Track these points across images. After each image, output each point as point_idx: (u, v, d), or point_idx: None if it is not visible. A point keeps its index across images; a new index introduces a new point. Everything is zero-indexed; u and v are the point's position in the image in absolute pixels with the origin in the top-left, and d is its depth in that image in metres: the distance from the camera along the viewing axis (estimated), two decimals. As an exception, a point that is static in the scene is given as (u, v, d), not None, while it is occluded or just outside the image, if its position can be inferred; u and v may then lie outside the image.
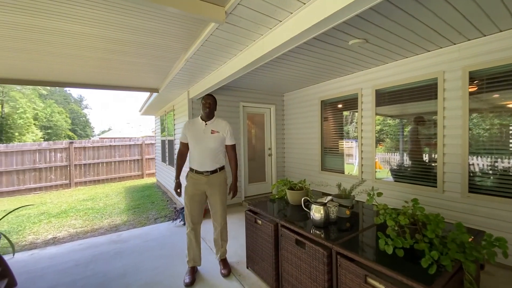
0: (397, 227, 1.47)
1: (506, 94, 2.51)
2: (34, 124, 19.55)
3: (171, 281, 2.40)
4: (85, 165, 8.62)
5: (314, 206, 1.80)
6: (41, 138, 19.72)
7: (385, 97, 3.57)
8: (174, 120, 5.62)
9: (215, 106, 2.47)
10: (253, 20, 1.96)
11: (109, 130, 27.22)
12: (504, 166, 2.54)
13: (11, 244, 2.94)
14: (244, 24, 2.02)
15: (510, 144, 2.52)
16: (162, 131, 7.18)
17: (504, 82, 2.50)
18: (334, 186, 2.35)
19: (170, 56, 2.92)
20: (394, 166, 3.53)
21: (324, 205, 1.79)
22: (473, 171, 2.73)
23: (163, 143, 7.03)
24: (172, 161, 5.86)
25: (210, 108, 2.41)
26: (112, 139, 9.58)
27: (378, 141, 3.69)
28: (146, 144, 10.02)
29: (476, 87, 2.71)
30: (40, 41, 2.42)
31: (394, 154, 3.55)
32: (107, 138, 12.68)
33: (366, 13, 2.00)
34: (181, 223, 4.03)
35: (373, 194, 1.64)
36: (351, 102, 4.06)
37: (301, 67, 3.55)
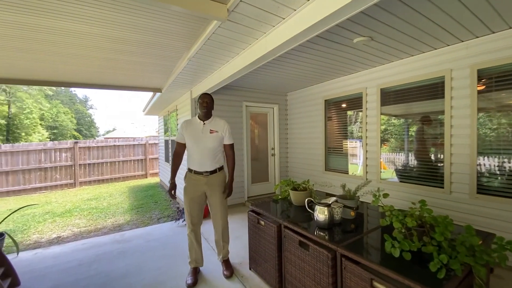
0: (404, 229, 1.42)
1: (516, 93, 2.44)
2: (40, 124, 19.79)
3: (174, 281, 2.39)
4: (89, 164, 8.69)
5: (318, 207, 1.76)
6: (47, 138, 19.95)
7: (390, 96, 3.51)
8: (177, 120, 5.62)
9: (213, 105, 2.43)
10: (255, 17, 1.93)
11: (113, 130, 27.43)
12: (514, 167, 2.47)
13: (15, 243, 2.96)
14: (246, 22, 1.99)
15: (520, 144, 2.45)
16: (166, 131, 7.20)
17: (514, 80, 2.43)
18: (338, 187, 2.31)
19: (173, 55, 2.90)
20: (400, 167, 3.47)
21: (328, 206, 1.75)
22: (481, 172, 2.66)
23: (167, 143, 7.05)
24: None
25: (208, 107, 2.37)
26: (116, 139, 9.64)
27: (383, 141, 3.63)
28: (149, 144, 10.06)
29: (484, 86, 2.64)
30: (45, 41, 2.42)
31: (399, 154, 3.49)
32: (112, 138, 12.79)
33: (371, 9, 1.96)
34: (183, 223, 4.02)
35: (378, 195, 1.60)
36: (356, 102, 4.01)
37: (304, 66, 3.51)
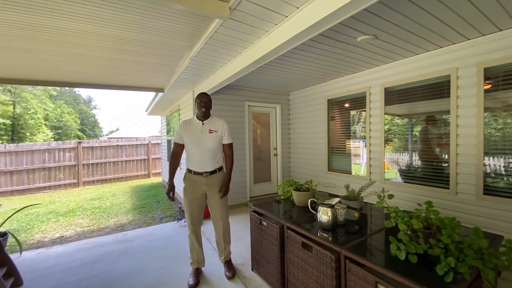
0: (409, 231, 1.39)
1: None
2: (45, 124, 19.97)
3: (175, 282, 2.37)
4: (92, 164, 8.74)
5: (321, 208, 1.74)
6: (51, 138, 20.12)
7: (394, 95, 3.46)
8: (180, 120, 5.62)
9: (211, 104, 2.40)
10: (258, 15, 1.90)
11: (117, 130, 27.60)
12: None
13: (18, 243, 2.97)
14: (248, 20, 1.97)
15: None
16: (168, 131, 7.21)
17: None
18: (341, 187, 2.27)
19: (175, 54, 2.89)
20: (404, 167, 3.42)
21: (332, 207, 1.72)
22: (488, 172, 2.61)
23: (169, 143, 7.06)
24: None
25: (206, 107, 2.34)
26: (119, 139, 9.68)
27: (386, 141, 3.59)
28: (152, 144, 10.10)
29: (490, 85, 2.58)
30: (49, 41, 2.43)
31: (403, 154, 3.44)
32: (115, 138, 12.86)
33: (375, 7, 1.92)
34: (185, 223, 4.01)
35: (383, 196, 1.57)
36: (359, 101, 3.96)
37: (307, 65, 3.47)
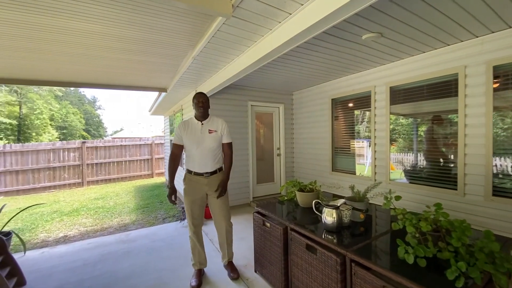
0: (418, 234, 1.35)
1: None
2: (50, 124, 20.21)
3: (178, 283, 2.36)
4: (97, 164, 8.79)
5: (326, 210, 1.70)
6: (56, 138, 20.34)
7: (400, 94, 3.40)
8: (183, 120, 5.62)
9: (209, 104, 2.38)
10: (261, 13, 1.87)
11: (121, 130, 27.79)
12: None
13: (22, 242, 2.98)
14: (251, 18, 1.94)
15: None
16: (171, 131, 7.21)
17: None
18: (346, 188, 2.23)
19: (178, 54, 2.88)
20: (410, 167, 3.36)
21: (337, 208, 1.68)
22: (497, 173, 2.54)
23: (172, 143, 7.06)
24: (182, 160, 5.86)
25: (204, 106, 2.32)
26: (122, 139, 9.74)
27: (391, 140, 3.53)
28: (156, 144, 10.13)
29: (498, 83, 2.52)
30: (54, 41, 2.43)
31: (409, 154, 3.38)
32: (118, 138, 12.94)
33: (381, 3, 1.88)
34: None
35: (390, 197, 1.52)
36: (364, 100, 3.91)
37: (311, 64, 3.43)
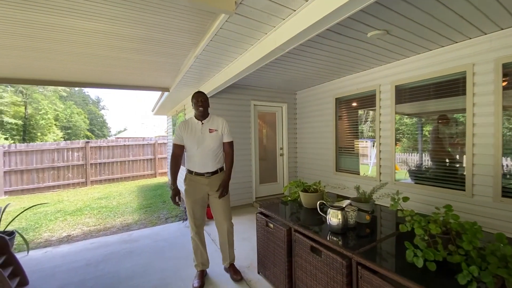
0: (427, 237, 1.30)
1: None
2: (55, 124, 20.39)
3: (180, 284, 2.33)
4: (100, 164, 8.83)
5: (331, 211, 1.66)
6: (61, 138, 20.53)
7: (405, 93, 3.34)
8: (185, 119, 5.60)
9: (208, 103, 2.35)
10: (264, 10, 1.84)
11: (124, 130, 27.95)
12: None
13: (26, 242, 2.98)
14: (255, 15, 1.91)
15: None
16: (174, 131, 7.21)
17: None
18: (350, 188, 2.19)
19: (180, 53, 2.85)
20: (416, 168, 3.30)
21: (342, 209, 1.64)
22: (507, 173, 2.47)
23: (175, 143, 7.05)
24: (183, 160, 5.85)
25: (204, 106, 2.29)
26: (126, 139, 9.77)
27: (397, 140, 3.47)
28: (158, 143, 10.15)
29: (507, 82, 2.45)
30: (56, 40, 2.42)
31: (415, 154, 3.32)
32: (122, 138, 12.99)
33: (388, -1, 1.83)
34: (191, 224, 3.98)
35: (398, 198, 1.48)
36: (368, 100, 3.85)
37: (315, 63, 3.38)
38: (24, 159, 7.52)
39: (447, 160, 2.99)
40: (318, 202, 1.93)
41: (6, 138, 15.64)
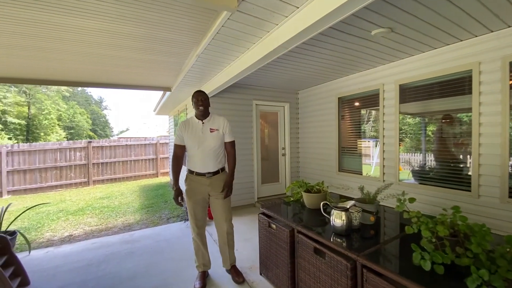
0: (434, 239, 1.26)
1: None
2: (58, 124, 20.52)
3: (182, 285, 2.31)
4: (102, 164, 8.85)
5: (335, 212, 1.62)
6: (64, 138, 20.64)
7: (410, 93, 3.29)
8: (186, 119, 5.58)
9: (209, 102, 2.32)
10: (267, 7, 1.80)
11: (127, 130, 28.06)
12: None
13: (27, 241, 2.98)
14: (257, 12, 1.88)
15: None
16: (175, 131, 7.20)
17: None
18: (353, 188, 2.15)
19: (182, 51, 2.83)
20: (420, 168, 3.25)
21: (346, 210, 1.60)
22: (514, 174, 2.43)
23: (177, 143, 7.04)
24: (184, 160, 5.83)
25: (204, 105, 2.26)
26: (128, 139, 9.79)
27: (401, 140, 3.42)
28: (160, 143, 10.16)
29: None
30: (58, 38, 2.39)
31: (419, 154, 3.27)
32: (124, 137, 13.02)
33: (393, -4, 1.80)
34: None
35: (404, 199, 1.44)
36: (372, 99, 3.81)
37: (317, 62, 3.35)
38: (26, 159, 7.55)
39: (453, 160, 2.94)
40: (322, 203, 1.90)
41: (9, 138, 15.76)
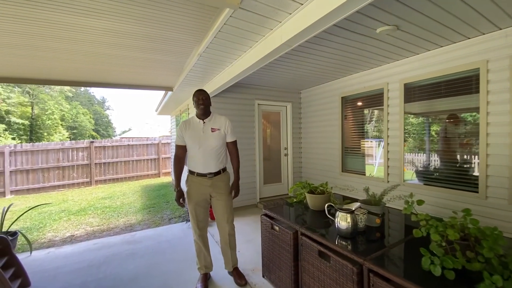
0: (444, 243, 1.22)
1: None
2: (61, 124, 20.61)
3: (183, 287, 2.28)
4: (104, 163, 8.86)
5: (340, 214, 1.58)
6: (67, 138, 20.74)
7: (415, 92, 3.23)
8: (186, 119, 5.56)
9: (210, 101, 2.28)
10: (270, 4, 1.76)
11: (129, 130, 28.12)
12: None
13: (29, 242, 2.97)
14: (260, 9, 1.84)
15: None
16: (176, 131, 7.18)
17: None
18: (357, 189, 2.11)
19: (184, 50, 2.80)
20: (425, 168, 3.19)
21: (351, 212, 1.56)
22: (524, 175, 2.36)
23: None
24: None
25: (205, 104, 2.22)
26: (130, 139, 9.80)
27: (405, 140, 3.36)
28: (162, 143, 10.15)
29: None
30: (58, 37, 2.38)
31: (424, 155, 3.21)
32: (126, 137, 13.05)
33: (400, -8, 1.75)
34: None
35: (412, 201, 1.40)
36: (376, 98, 3.75)
37: (321, 61, 3.30)
38: (29, 159, 7.58)
39: (460, 160, 2.88)
40: (326, 205, 1.85)
41: (13, 138, 15.84)
